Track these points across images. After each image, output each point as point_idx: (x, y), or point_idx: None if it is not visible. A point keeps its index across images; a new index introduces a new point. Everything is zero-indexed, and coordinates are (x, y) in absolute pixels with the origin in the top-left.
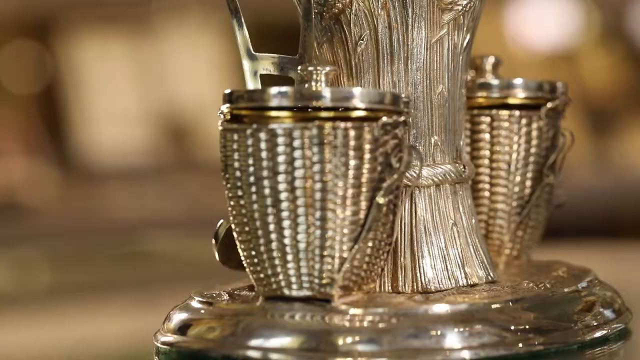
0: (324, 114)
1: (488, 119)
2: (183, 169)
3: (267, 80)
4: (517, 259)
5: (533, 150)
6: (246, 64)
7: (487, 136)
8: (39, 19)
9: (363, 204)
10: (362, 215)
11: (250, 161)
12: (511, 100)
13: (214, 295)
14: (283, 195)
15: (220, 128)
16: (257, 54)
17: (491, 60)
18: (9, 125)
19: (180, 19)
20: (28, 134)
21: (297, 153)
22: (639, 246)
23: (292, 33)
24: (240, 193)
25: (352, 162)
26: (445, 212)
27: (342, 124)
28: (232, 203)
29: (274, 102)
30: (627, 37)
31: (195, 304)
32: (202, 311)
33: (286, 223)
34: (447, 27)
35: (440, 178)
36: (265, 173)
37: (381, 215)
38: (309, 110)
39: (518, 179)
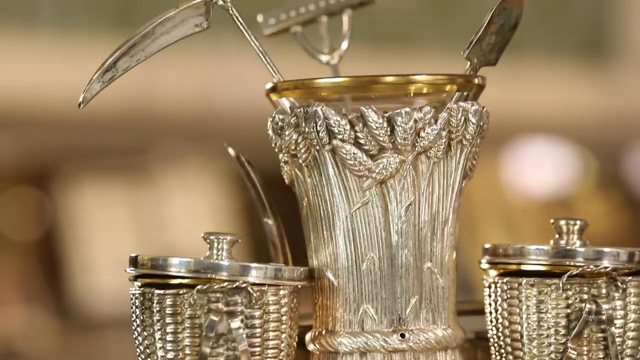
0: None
1: (505, 287)
2: None
3: None
4: None
5: (553, 320)
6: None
7: (504, 304)
8: (38, 166)
9: None
10: None
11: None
12: (598, 270)
13: None
14: (137, 354)
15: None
16: (267, 220)
17: (578, 224)
18: (8, 272)
19: (179, 166)
20: (26, 281)
21: (139, 316)
22: None
23: None
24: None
25: (160, 327)
26: None
27: (157, 291)
28: None
29: (173, 271)
30: (624, 185)
31: None
32: None
33: None
34: (370, 194)
35: (364, 346)
36: (136, 332)
37: None
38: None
39: (535, 350)
